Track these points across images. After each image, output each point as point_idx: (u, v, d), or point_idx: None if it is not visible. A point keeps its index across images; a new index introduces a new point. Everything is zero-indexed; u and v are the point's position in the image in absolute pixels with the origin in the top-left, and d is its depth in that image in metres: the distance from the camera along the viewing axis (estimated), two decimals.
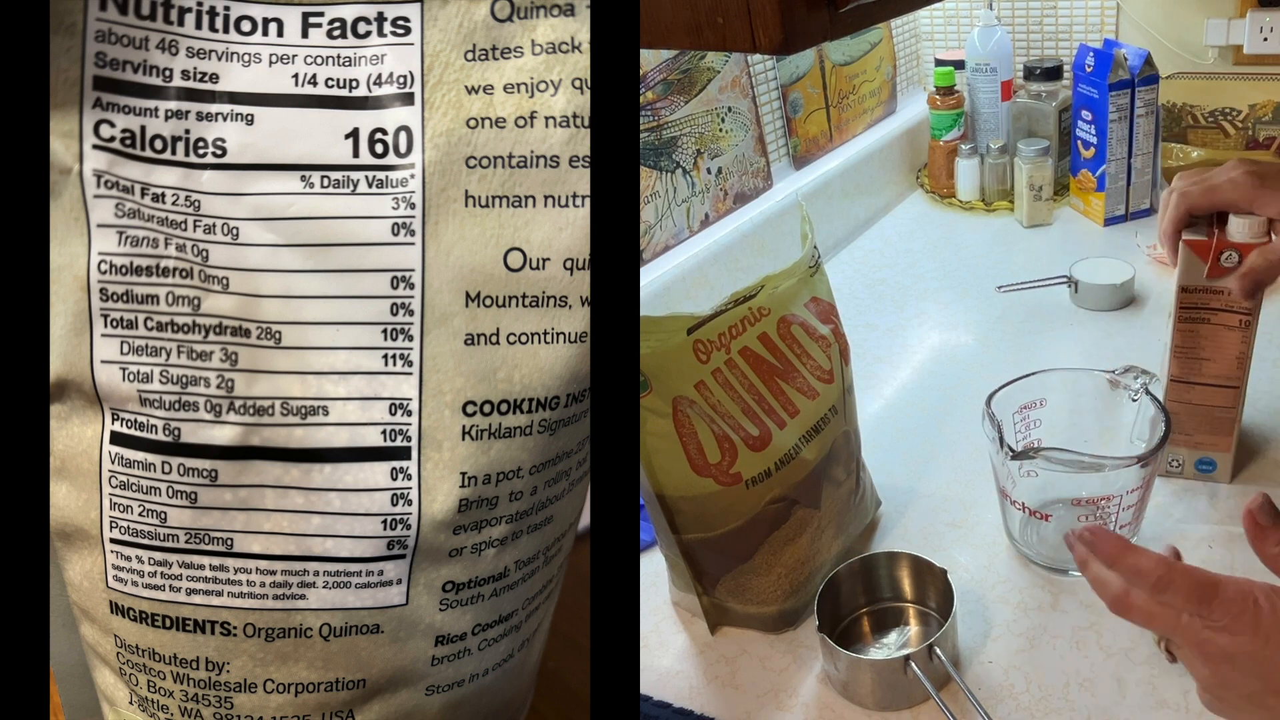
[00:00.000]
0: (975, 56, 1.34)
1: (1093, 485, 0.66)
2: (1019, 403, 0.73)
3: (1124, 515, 0.68)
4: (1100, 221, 1.25)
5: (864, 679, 0.61)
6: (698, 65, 1.04)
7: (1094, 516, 0.67)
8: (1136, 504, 0.68)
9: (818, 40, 0.54)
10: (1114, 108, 1.18)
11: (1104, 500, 0.66)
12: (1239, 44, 1.29)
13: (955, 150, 1.35)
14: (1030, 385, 0.73)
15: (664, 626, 0.71)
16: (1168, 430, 0.66)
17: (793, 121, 1.21)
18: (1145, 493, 0.68)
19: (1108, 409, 0.73)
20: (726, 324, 0.63)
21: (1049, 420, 0.74)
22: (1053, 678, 0.62)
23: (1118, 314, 1.04)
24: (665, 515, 0.64)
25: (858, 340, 0.93)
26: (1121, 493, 0.66)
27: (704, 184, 1.06)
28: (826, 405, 0.67)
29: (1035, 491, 0.68)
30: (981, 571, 0.71)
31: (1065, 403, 0.74)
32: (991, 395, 0.69)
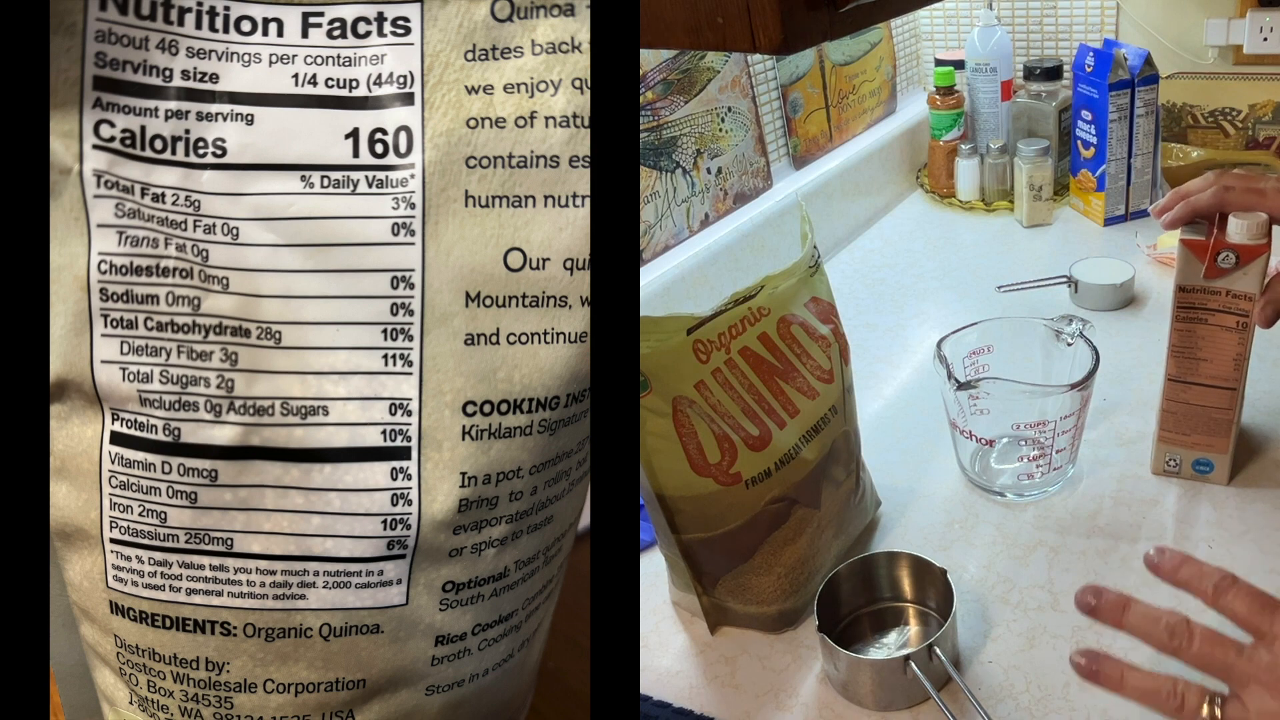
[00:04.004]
0: (975, 56, 1.34)
1: (1032, 413, 0.74)
2: (969, 348, 0.80)
3: (1060, 440, 0.75)
4: (1100, 221, 1.25)
5: (864, 679, 0.61)
6: (698, 65, 1.04)
7: (1034, 443, 0.76)
8: (1072, 429, 0.75)
9: (818, 40, 0.54)
10: (1114, 108, 1.18)
11: (1041, 425, 0.74)
12: (1239, 44, 1.29)
13: (955, 150, 1.35)
14: (979, 332, 0.81)
15: (664, 626, 0.71)
16: (1096, 364, 0.74)
17: (793, 121, 1.21)
18: (1079, 419, 0.75)
19: (1048, 354, 0.81)
20: (726, 324, 0.63)
21: (996, 365, 0.81)
22: (1053, 678, 0.62)
23: (1118, 314, 1.04)
24: (665, 515, 0.64)
25: (858, 340, 0.93)
26: (1057, 418, 0.74)
27: (704, 184, 1.06)
28: (826, 405, 0.67)
29: (983, 424, 0.77)
30: (981, 571, 0.71)
31: (1010, 348, 0.81)
32: (942, 340, 0.77)
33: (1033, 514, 0.76)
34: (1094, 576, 0.69)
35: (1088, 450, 0.81)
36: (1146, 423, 0.84)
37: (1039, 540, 0.74)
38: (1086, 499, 0.77)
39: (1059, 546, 0.73)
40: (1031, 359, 0.81)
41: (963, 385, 0.73)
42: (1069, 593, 0.68)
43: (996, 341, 0.81)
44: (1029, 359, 0.81)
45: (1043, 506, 0.77)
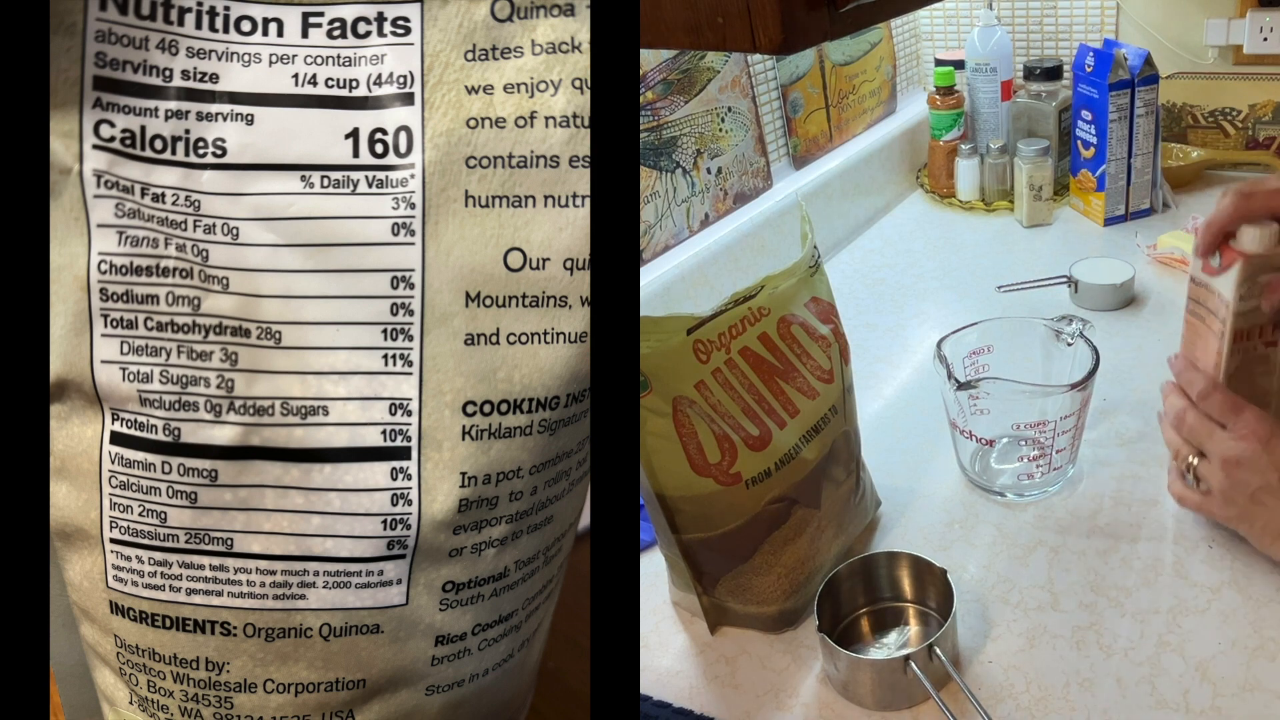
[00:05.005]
0: (975, 56, 1.34)
1: (1032, 413, 0.74)
2: (969, 348, 0.80)
3: (1060, 440, 0.75)
4: (1100, 221, 1.25)
5: (864, 679, 0.61)
6: (698, 65, 1.04)
7: (1034, 443, 0.76)
8: (1072, 429, 0.75)
9: (817, 40, 0.54)
10: (1114, 108, 1.18)
11: (1041, 425, 0.74)
12: (1239, 44, 1.29)
13: (955, 150, 1.35)
14: (979, 332, 0.81)
15: (664, 626, 0.71)
16: (1096, 364, 0.74)
17: (793, 121, 1.21)
18: (1079, 419, 0.75)
19: (1048, 354, 0.81)
20: (726, 324, 0.63)
21: (996, 365, 0.81)
22: (1053, 678, 0.62)
23: (1118, 314, 1.04)
24: (665, 515, 0.64)
25: (858, 340, 0.93)
26: (1057, 418, 0.73)
27: (704, 184, 1.06)
28: (826, 405, 0.67)
29: (983, 424, 0.77)
30: (981, 571, 0.71)
31: (1010, 348, 0.81)
32: (942, 340, 0.77)
33: (1033, 514, 0.76)
34: (1094, 576, 0.69)
35: (1088, 450, 0.81)
36: (1147, 423, 0.84)
37: (1039, 540, 0.74)
38: (1086, 499, 0.77)
39: (1059, 546, 0.73)
40: (1031, 359, 0.81)
41: (963, 385, 0.73)
42: (1069, 593, 0.68)
43: (996, 341, 0.81)
44: (1029, 359, 0.81)
45: (1043, 506, 0.77)
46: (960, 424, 0.77)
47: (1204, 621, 0.64)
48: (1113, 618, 0.66)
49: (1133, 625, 0.65)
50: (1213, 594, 0.66)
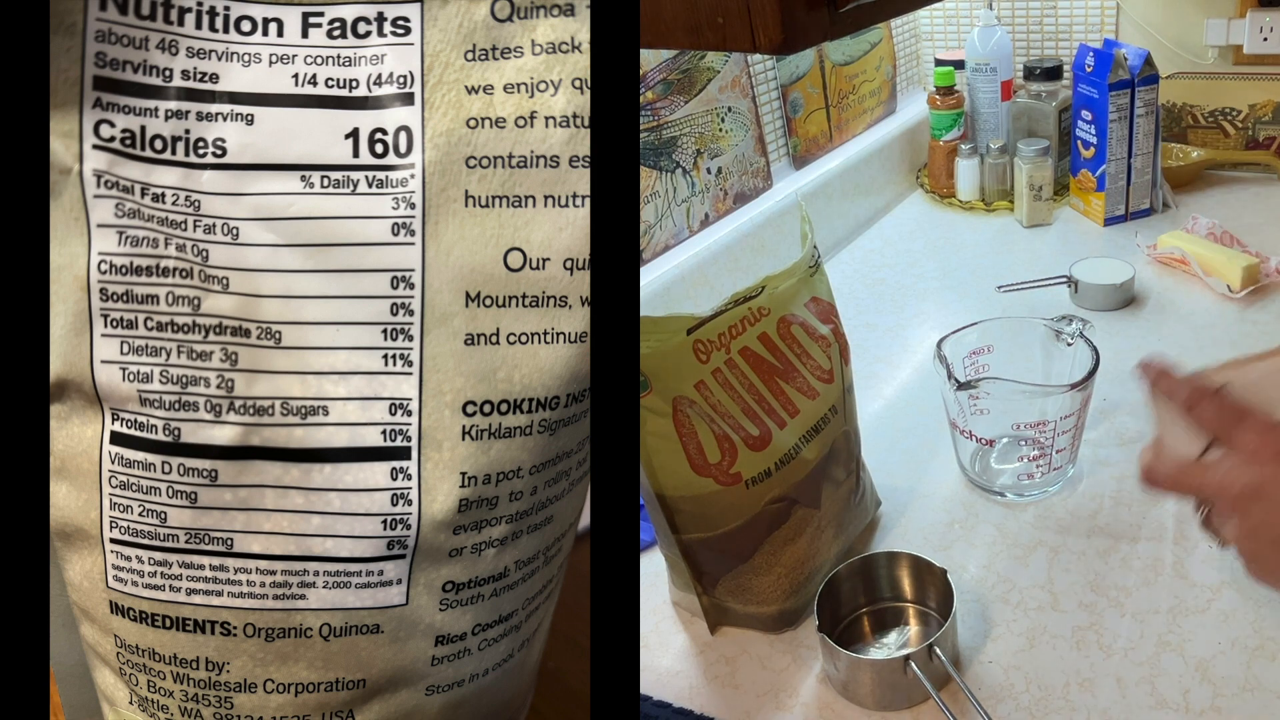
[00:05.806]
0: (975, 56, 1.34)
1: (1032, 413, 0.74)
2: (969, 348, 0.80)
3: (1060, 440, 0.75)
4: (1100, 221, 1.25)
5: (864, 679, 0.61)
6: (698, 65, 1.04)
7: (1034, 443, 0.76)
8: (1072, 429, 0.75)
9: (818, 40, 0.54)
10: (1114, 108, 1.18)
11: (1041, 425, 0.74)
12: (1239, 44, 1.29)
13: (955, 150, 1.35)
14: (979, 332, 0.81)
15: (664, 626, 0.71)
16: (1096, 364, 0.73)
17: (793, 121, 1.21)
18: (1079, 419, 0.75)
19: (1048, 354, 0.81)
20: (726, 324, 0.63)
21: (996, 365, 0.81)
22: (1053, 678, 0.62)
23: (1118, 314, 1.04)
24: (665, 515, 0.64)
25: (858, 340, 0.93)
26: (1057, 418, 0.73)
27: (704, 184, 1.06)
28: (826, 405, 0.67)
29: (983, 424, 0.76)
30: (981, 571, 0.71)
31: (1010, 348, 0.81)
32: (942, 340, 0.77)
33: (1033, 514, 0.76)
34: (1094, 576, 0.69)
35: (1088, 450, 0.81)
36: (1146, 423, 0.84)
37: (1039, 540, 0.74)
38: (1086, 499, 0.77)
39: (1059, 546, 0.73)
40: (1031, 359, 0.81)
41: (963, 385, 0.73)
42: (1069, 593, 0.68)
43: (996, 341, 0.81)
44: (1029, 359, 0.81)
45: (1043, 506, 0.77)
46: (960, 424, 0.77)
47: (1204, 621, 0.64)
48: (1113, 618, 0.66)
49: (1133, 625, 0.65)
50: (1213, 594, 0.66)
